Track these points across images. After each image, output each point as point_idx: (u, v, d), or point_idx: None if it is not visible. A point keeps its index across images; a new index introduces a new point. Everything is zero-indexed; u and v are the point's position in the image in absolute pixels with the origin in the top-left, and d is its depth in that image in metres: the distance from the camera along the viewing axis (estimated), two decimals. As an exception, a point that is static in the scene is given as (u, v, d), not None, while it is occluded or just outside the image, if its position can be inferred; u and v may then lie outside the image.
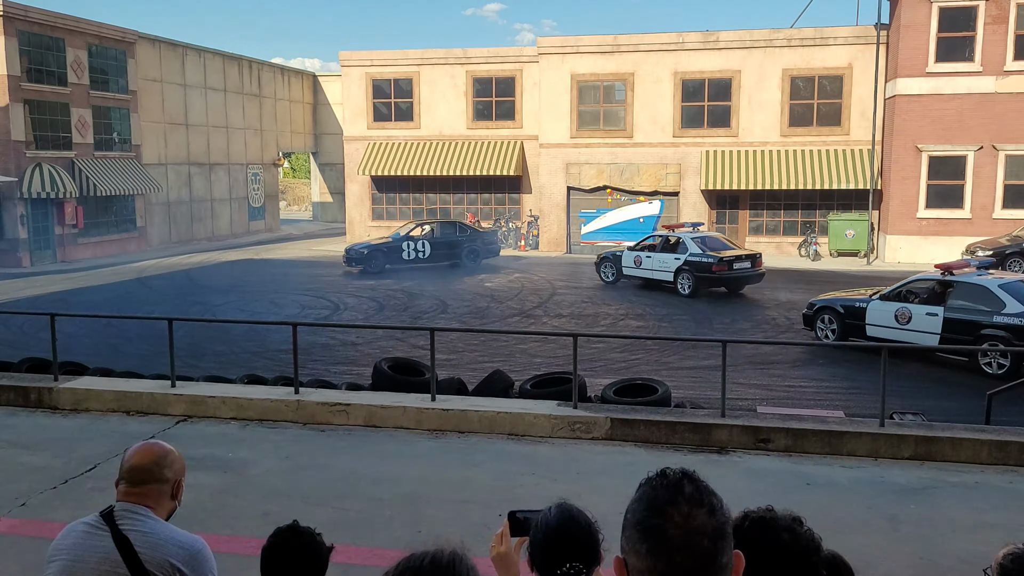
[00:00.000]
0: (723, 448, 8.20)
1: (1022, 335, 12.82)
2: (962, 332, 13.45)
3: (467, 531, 5.90)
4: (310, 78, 47.40)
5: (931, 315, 13.92)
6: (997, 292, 13.51)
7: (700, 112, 31.07)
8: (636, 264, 22.39)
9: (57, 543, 2.74)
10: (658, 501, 1.50)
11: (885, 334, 14.48)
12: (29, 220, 28.36)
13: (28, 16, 28.08)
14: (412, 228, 28.09)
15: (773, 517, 1.86)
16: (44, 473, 7.42)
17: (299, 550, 2.66)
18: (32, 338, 16.04)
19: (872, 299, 14.96)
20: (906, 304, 14.45)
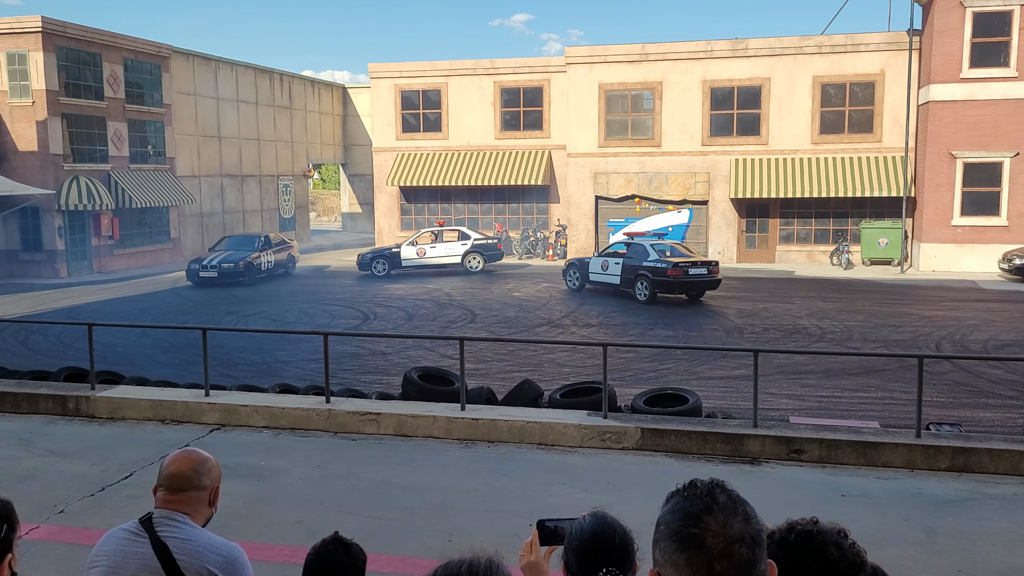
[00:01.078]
0: (755, 459, 8.13)
1: (657, 274, 21.32)
2: (630, 273, 22.04)
3: (497, 540, 5.90)
4: (340, 90, 47.86)
5: (617, 264, 22.53)
6: (648, 248, 22.10)
7: (729, 120, 30.92)
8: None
9: (97, 549, 2.77)
10: (693, 511, 1.49)
11: (597, 278, 23.30)
12: (66, 232, 28.89)
13: (66, 32, 28.68)
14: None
15: (820, 530, 1.85)
16: (82, 481, 7.54)
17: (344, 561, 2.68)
18: (69, 348, 16.33)
19: (592, 257, 24.01)
20: (608, 258, 23.06)
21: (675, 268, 21.22)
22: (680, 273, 21.24)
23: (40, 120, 28.03)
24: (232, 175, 38.34)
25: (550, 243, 33.66)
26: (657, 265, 21.45)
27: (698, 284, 21.62)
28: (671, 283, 21.35)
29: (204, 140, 36.38)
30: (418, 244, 28.53)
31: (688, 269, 21.44)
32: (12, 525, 1.75)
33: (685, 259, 21.99)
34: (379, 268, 27.81)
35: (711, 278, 21.64)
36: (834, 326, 17.96)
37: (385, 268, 27.85)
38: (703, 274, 21.60)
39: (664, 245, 22.82)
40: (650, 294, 21.36)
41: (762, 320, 18.88)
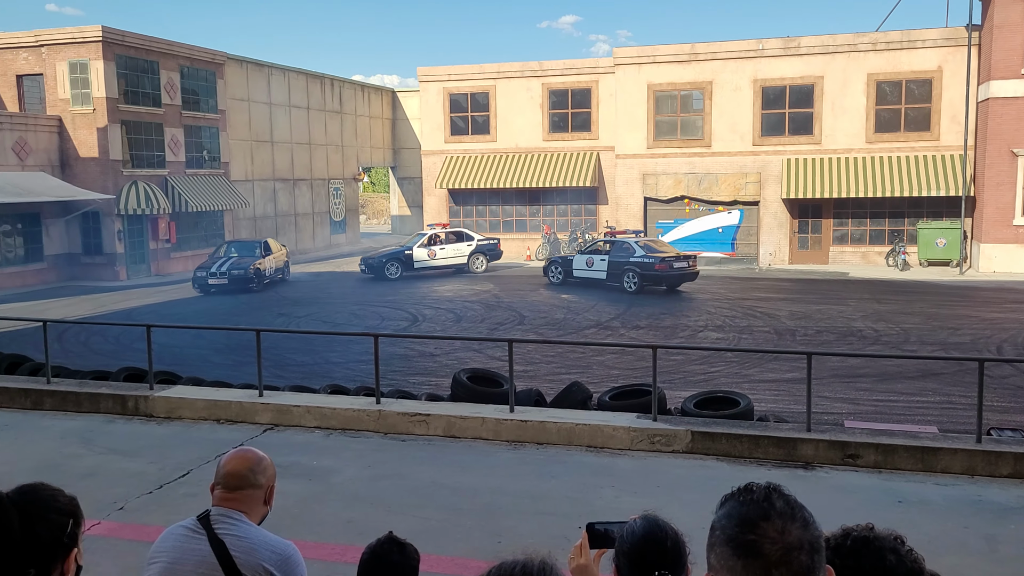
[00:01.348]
0: (809, 463, 7.99)
1: (645, 268, 23.59)
2: (616, 268, 24.14)
3: (546, 542, 5.89)
4: (389, 94, 48.34)
5: (602, 260, 24.65)
6: (633, 245, 24.39)
7: (781, 119, 30.48)
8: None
9: (157, 546, 2.83)
10: (750, 516, 1.46)
11: (581, 273, 25.28)
12: (125, 235, 29.67)
13: (125, 41, 29.45)
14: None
15: (877, 536, 1.80)
16: (140, 478, 7.73)
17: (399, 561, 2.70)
18: (128, 348, 16.76)
19: (574, 255, 25.97)
20: (592, 255, 25.07)
21: (662, 263, 23.84)
22: (666, 267, 23.86)
23: (100, 127, 28.83)
24: (284, 179, 38.97)
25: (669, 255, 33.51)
26: (645, 260, 23.88)
27: (680, 276, 24.15)
28: (658, 276, 23.86)
29: (257, 145, 37.05)
30: (429, 246, 28.76)
31: (672, 263, 23.95)
32: (78, 520, 1.80)
33: (669, 254, 24.46)
34: (392, 271, 27.94)
35: (691, 271, 24.32)
36: (890, 329, 17.59)
37: (399, 271, 28.02)
38: (684, 267, 24.22)
39: (645, 243, 25.03)
40: (638, 286, 23.75)
41: (815, 322, 18.57)
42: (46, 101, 29.39)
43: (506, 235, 35.70)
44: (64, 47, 28.86)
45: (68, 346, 17.23)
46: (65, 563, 1.75)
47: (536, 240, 34.78)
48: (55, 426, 9.55)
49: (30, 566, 1.67)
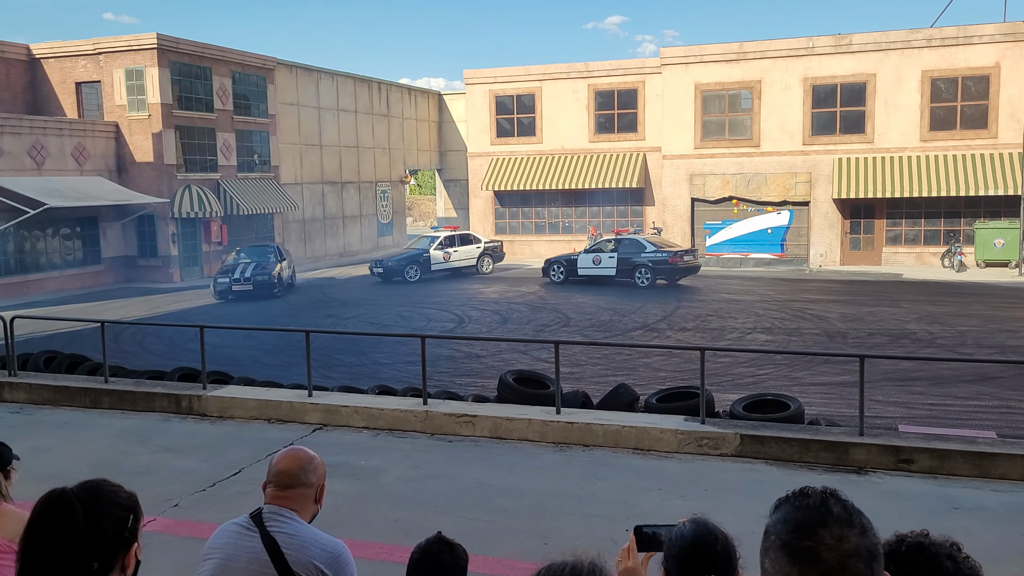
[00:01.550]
0: (861, 468, 7.84)
1: (658, 263, 25.13)
2: (625, 264, 25.43)
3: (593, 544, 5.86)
4: (435, 97, 48.64)
5: (610, 257, 25.84)
6: (643, 241, 25.89)
7: (832, 118, 29.98)
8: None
9: (211, 542, 2.89)
10: (806, 522, 1.43)
11: (588, 271, 26.18)
12: (179, 238, 30.32)
13: (179, 48, 30.11)
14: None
15: (932, 542, 1.76)
16: (194, 476, 7.89)
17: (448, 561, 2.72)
18: (182, 349, 17.13)
19: (579, 253, 26.72)
20: (598, 254, 26.08)
21: (675, 256, 25.46)
22: (678, 260, 25.43)
23: (155, 132, 29.51)
24: (332, 182, 39.46)
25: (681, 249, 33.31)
26: (658, 255, 25.45)
27: (688, 270, 25.90)
28: (672, 269, 25.39)
29: (306, 148, 37.58)
30: (444, 248, 29.02)
31: (683, 257, 25.63)
32: (138, 516, 1.85)
33: (677, 248, 26.13)
34: (411, 274, 28.05)
35: (695, 264, 26.17)
36: (945, 331, 17.18)
37: (418, 273, 28.18)
38: (691, 261, 25.99)
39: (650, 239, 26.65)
40: (651, 280, 25.21)
41: (867, 324, 18.21)
42: (103, 107, 30.19)
43: (551, 236, 35.70)
44: (120, 55, 29.61)
45: (124, 346, 17.66)
46: (126, 557, 1.80)
47: (582, 241, 34.67)
48: (112, 424, 9.80)
49: (93, 559, 1.72)
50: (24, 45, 30.89)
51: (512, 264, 32.85)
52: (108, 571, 1.76)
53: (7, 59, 30.20)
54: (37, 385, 10.86)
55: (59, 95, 30.79)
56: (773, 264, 30.86)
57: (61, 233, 28.18)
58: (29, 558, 1.72)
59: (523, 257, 35.77)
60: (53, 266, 27.91)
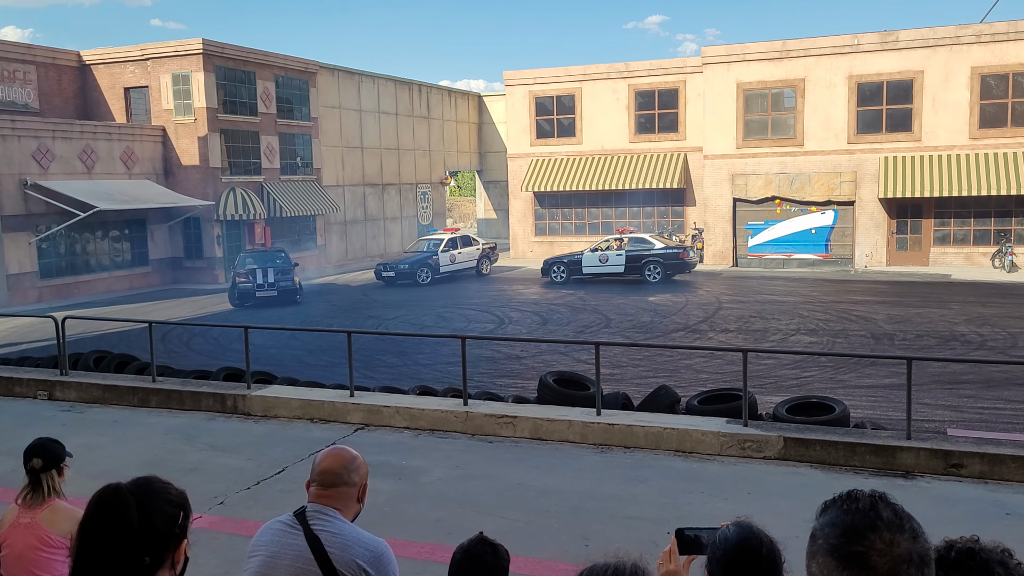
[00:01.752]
0: (909, 472, 7.70)
1: (669, 258, 26.39)
2: (635, 261, 26.53)
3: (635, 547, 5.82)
4: (475, 98, 48.80)
5: (618, 255, 26.74)
6: (650, 239, 27.11)
7: (878, 116, 29.46)
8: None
9: (256, 539, 2.93)
10: (856, 526, 1.40)
11: (595, 270, 26.92)
12: (224, 240, 30.82)
13: (224, 53, 30.61)
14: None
15: (983, 548, 1.72)
16: (239, 474, 8.01)
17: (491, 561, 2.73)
18: (227, 349, 17.40)
19: (584, 253, 27.37)
20: (605, 252, 26.94)
21: (683, 252, 26.99)
22: (685, 256, 26.90)
23: (201, 136, 30.04)
24: (373, 184, 39.79)
25: (686, 247, 33.01)
26: (667, 251, 26.79)
27: (691, 264, 27.38)
28: (680, 265, 26.72)
29: (348, 151, 37.95)
30: (450, 250, 29.19)
31: (689, 252, 27.24)
32: (187, 513, 1.89)
33: (682, 245, 27.83)
34: (423, 276, 28.08)
35: (694, 260, 27.78)
36: (996, 333, 16.78)
37: (429, 275, 28.26)
38: (692, 257, 27.63)
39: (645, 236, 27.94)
40: (662, 276, 26.33)
41: (915, 326, 17.86)
42: (151, 112, 30.81)
43: (591, 237, 35.59)
44: (167, 60, 30.19)
45: (171, 346, 17.99)
46: (176, 553, 1.83)
47: (622, 242, 34.52)
48: (160, 423, 9.99)
49: (146, 554, 1.76)
50: (75, 52, 31.65)
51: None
52: (159, 566, 1.79)
53: (59, 66, 30.97)
54: (87, 384, 11.12)
55: (108, 100, 31.50)
56: (817, 265, 30.41)
57: (110, 235, 28.81)
58: (84, 552, 1.77)
59: (563, 258, 35.70)
60: (102, 268, 28.54)
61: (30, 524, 3.86)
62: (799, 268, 30.30)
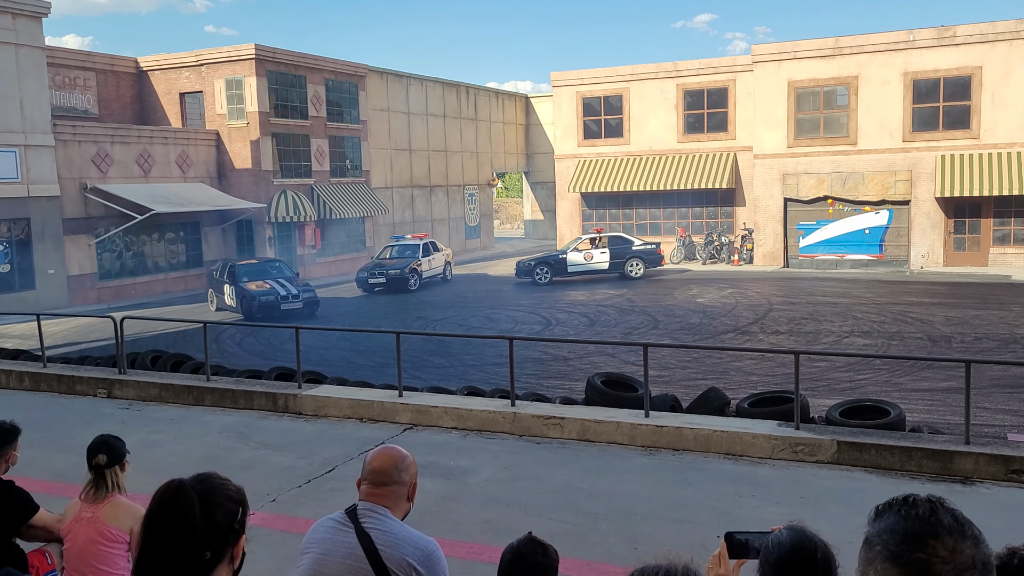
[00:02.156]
0: (967, 478, 7.50)
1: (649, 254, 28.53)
2: (618, 258, 28.32)
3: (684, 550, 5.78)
4: (522, 100, 48.86)
5: (603, 253, 28.33)
6: (629, 236, 29.69)
7: (934, 114, 28.77)
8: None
9: (309, 536, 2.98)
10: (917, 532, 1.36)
11: (580, 268, 28.21)
12: (275, 242, 31.33)
13: (276, 58, 31.13)
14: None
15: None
16: (291, 473, 8.14)
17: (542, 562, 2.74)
18: (278, 349, 17.68)
19: (567, 252, 28.55)
20: (589, 250, 28.38)
21: (659, 247, 29.33)
22: (661, 252, 29.32)
23: (253, 140, 30.58)
24: (421, 186, 40.09)
25: (735, 247, 32.63)
26: (647, 248, 28.87)
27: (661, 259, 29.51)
28: (657, 259, 28.86)
29: (396, 153, 38.29)
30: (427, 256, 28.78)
31: (660, 247, 29.51)
32: (245, 508, 1.93)
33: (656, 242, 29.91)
34: (414, 283, 27.69)
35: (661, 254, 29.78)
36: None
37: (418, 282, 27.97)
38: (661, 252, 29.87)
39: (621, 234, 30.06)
40: (644, 271, 28.39)
41: (973, 328, 17.41)
42: (205, 116, 31.47)
43: (639, 238, 35.39)
44: (221, 65, 30.81)
45: (224, 346, 18.34)
46: (235, 548, 1.87)
47: (670, 243, 34.27)
48: (215, 421, 10.19)
49: (207, 549, 1.80)
50: (132, 59, 32.49)
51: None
52: (219, 561, 1.83)
53: (117, 72, 31.81)
54: (145, 383, 11.40)
55: (164, 105, 32.26)
56: (871, 266, 29.81)
57: (166, 237, 29.49)
58: (148, 546, 1.81)
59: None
60: (159, 269, 29.23)
61: (92, 519, 3.98)
62: (852, 269, 29.74)
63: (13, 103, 24.31)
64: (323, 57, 33.56)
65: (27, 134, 24.66)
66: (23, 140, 24.54)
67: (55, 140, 25.52)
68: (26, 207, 24.70)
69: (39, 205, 25.03)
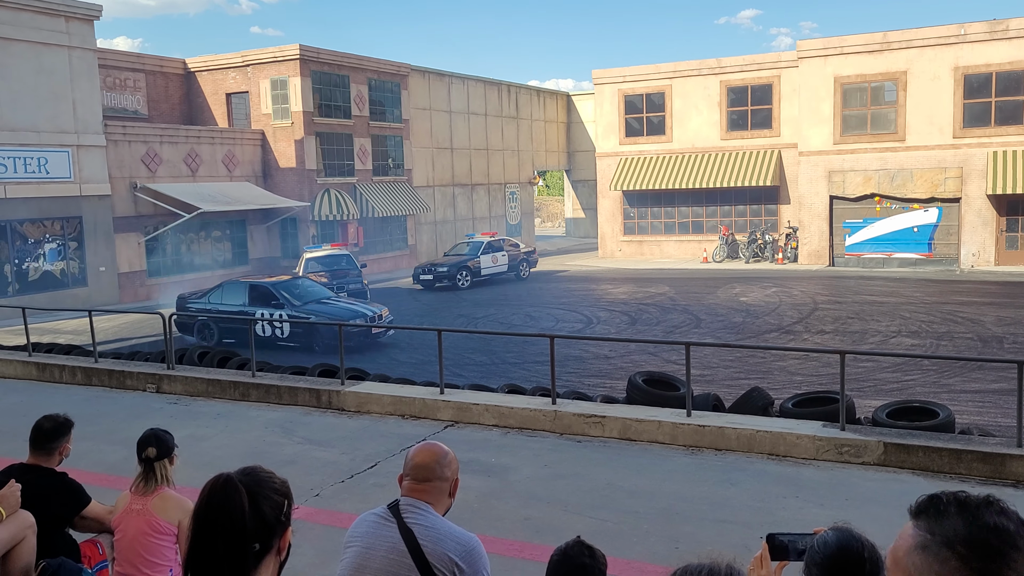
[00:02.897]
0: (1019, 482, 7.33)
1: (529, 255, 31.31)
2: (514, 260, 30.15)
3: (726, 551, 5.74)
4: (564, 98, 48.75)
5: (503, 256, 29.61)
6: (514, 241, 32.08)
7: (986, 109, 28.08)
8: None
9: (352, 530, 3.01)
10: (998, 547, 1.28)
11: (490, 271, 28.75)
12: (319, 240, 31.68)
13: (320, 58, 31.48)
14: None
15: None
16: (334, 468, 8.24)
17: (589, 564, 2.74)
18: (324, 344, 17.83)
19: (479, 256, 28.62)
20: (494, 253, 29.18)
21: (535, 251, 32.44)
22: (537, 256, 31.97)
23: (298, 139, 30.97)
24: (463, 184, 40.22)
25: (779, 246, 32.21)
26: (529, 251, 31.48)
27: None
28: (535, 261, 31.39)
29: (438, 152, 38.48)
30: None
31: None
32: (291, 502, 1.96)
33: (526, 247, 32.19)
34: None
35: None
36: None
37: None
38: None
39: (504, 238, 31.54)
40: (528, 273, 30.33)
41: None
42: (250, 116, 31.94)
43: (681, 236, 35.11)
44: (266, 66, 31.24)
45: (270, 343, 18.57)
46: (282, 540, 1.91)
47: (712, 241, 33.96)
48: (260, 416, 10.35)
49: (256, 541, 1.84)
50: (180, 60, 33.10)
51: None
52: (267, 552, 1.87)
53: (166, 73, 32.43)
54: (192, 378, 11.62)
55: (211, 106, 32.81)
56: (920, 264, 29.22)
57: (212, 235, 30.00)
58: (198, 538, 1.85)
59: (652, 258, 35.33)
60: (206, 266, 29.74)
61: (141, 511, 4.07)
62: (900, 268, 29.18)
63: (66, 104, 24.92)
64: (366, 57, 33.85)
65: (79, 134, 25.26)
66: (76, 140, 25.15)
67: (106, 140, 26.11)
68: (78, 206, 25.31)
69: (91, 204, 25.64)
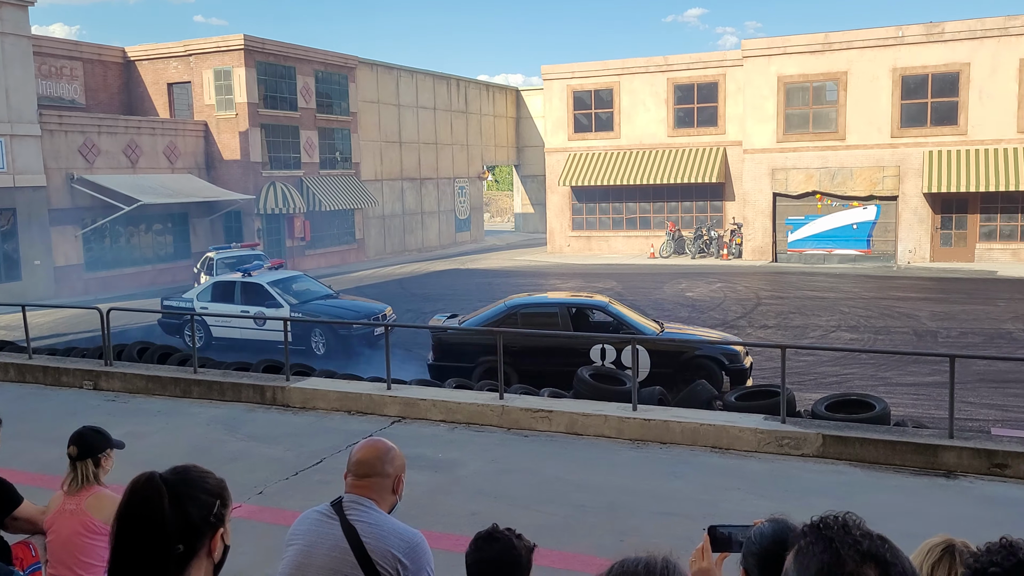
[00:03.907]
0: (951, 472, 7.56)
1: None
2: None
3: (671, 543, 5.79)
4: (513, 93, 48.78)
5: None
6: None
7: (922, 110, 28.89)
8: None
9: (294, 528, 2.97)
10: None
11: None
12: (264, 234, 31.20)
13: (265, 48, 30.96)
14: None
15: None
16: (279, 464, 8.13)
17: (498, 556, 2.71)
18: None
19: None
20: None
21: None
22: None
23: (242, 131, 30.42)
24: (411, 178, 39.99)
25: (724, 242, 32.72)
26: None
27: None
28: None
29: (386, 145, 38.19)
30: None
31: None
32: (225, 501, 1.91)
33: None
34: None
35: None
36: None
37: None
38: None
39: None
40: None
41: (959, 323, 17.52)
42: (193, 107, 31.28)
43: (629, 232, 35.42)
44: (209, 56, 30.62)
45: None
46: (211, 541, 1.86)
47: (660, 237, 34.33)
48: (202, 413, 10.16)
49: (178, 542, 1.79)
50: (120, 48, 32.24)
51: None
52: (193, 555, 1.81)
53: (104, 62, 31.57)
54: (131, 374, 11.34)
55: (152, 96, 32.04)
56: (859, 260, 29.96)
57: (154, 229, 29.33)
58: (119, 539, 1.80)
59: (600, 253, 35.58)
60: (146, 260, 29.07)
61: (75, 511, 3.96)
62: (840, 264, 29.88)
63: (-1, 92, 24.11)
64: (313, 48, 33.40)
65: (13, 124, 24.46)
66: (9, 130, 24.34)
67: (41, 130, 25.32)
68: (12, 197, 24.51)
69: (25, 195, 24.85)
